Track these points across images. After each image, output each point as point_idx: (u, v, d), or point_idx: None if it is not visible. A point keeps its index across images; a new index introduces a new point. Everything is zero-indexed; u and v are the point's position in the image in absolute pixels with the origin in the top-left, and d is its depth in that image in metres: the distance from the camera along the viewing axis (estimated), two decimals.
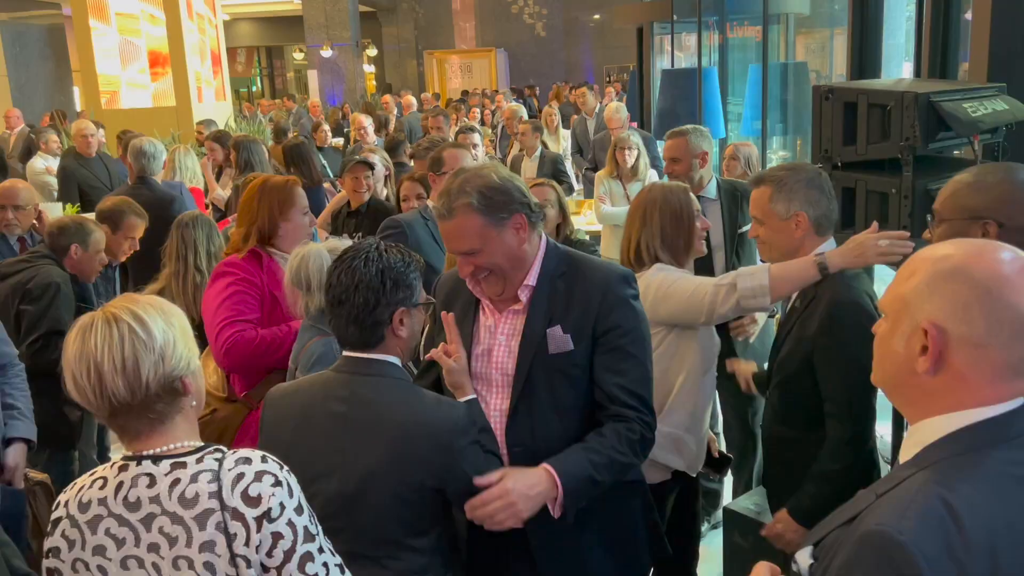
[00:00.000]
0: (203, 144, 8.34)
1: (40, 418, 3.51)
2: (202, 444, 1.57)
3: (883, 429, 4.21)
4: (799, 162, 2.74)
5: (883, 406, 2.45)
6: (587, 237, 4.61)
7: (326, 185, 6.78)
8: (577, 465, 1.97)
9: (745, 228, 3.86)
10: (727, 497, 3.96)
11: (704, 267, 3.40)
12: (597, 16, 24.10)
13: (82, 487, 1.57)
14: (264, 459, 1.54)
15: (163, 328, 1.51)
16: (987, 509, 1.11)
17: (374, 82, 24.28)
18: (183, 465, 1.51)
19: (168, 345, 1.50)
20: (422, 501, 1.89)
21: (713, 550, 3.07)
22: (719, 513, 3.61)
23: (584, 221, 6.62)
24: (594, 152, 7.56)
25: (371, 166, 4.83)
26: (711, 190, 3.94)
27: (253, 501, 1.48)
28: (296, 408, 1.99)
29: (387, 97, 14.97)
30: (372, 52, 23.98)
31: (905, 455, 1.24)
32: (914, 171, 2.48)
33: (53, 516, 1.57)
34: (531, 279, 2.08)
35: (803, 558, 1.27)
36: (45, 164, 7.90)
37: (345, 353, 1.98)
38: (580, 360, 2.05)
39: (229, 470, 1.50)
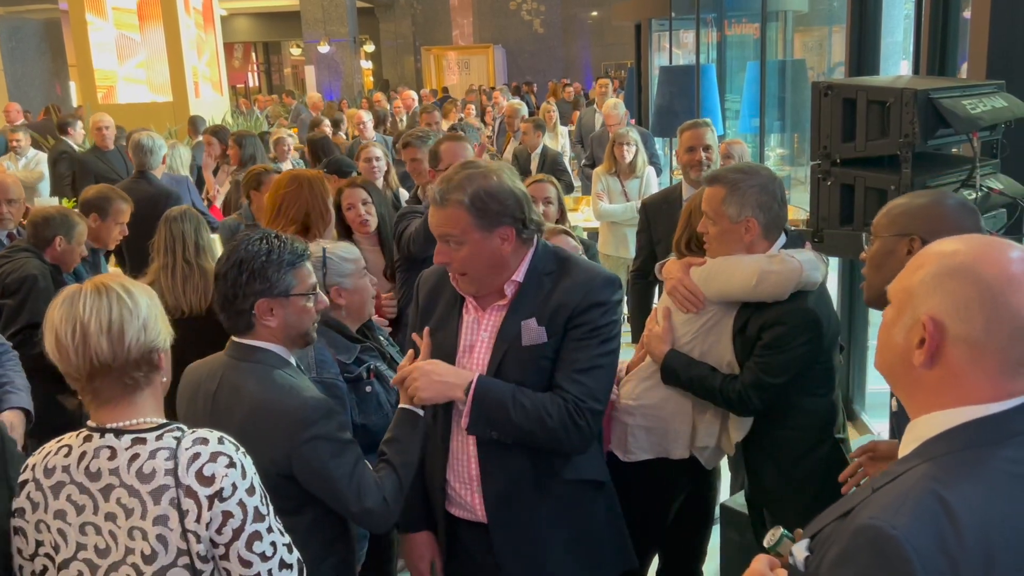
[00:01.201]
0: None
1: (35, 412, 3.50)
2: (164, 422, 1.64)
3: (881, 427, 4.22)
4: (756, 164, 2.77)
5: (881, 404, 2.46)
6: (585, 235, 4.59)
7: None
8: (499, 389, 2.02)
9: None
10: (724, 494, 3.96)
11: None
12: (595, 13, 24.09)
13: (48, 452, 1.65)
14: (221, 440, 1.61)
15: (147, 302, 1.62)
16: (983, 506, 1.11)
17: (371, 78, 24.26)
18: (143, 441, 1.59)
19: (151, 317, 1.60)
20: (276, 485, 1.89)
21: (710, 547, 3.09)
22: (716, 510, 3.61)
23: (582, 218, 6.61)
24: (592, 148, 7.55)
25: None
26: None
27: (206, 480, 1.56)
28: (191, 384, 2.13)
29: (379, 95, 14.93)
30: (369, 48, 23.94)
31: (904, 450, 1.25)
32: (913, 168, 2.48)
33: (21, 478, 1.66)
34: (519, 275, 2.10)
35: (799, 551, 1.27)
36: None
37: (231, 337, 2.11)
38: (549, 352, 2.07)
39: (186, 449, 1.57)
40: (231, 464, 1.58)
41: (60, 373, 3.79)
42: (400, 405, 2.13)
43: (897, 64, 4.93)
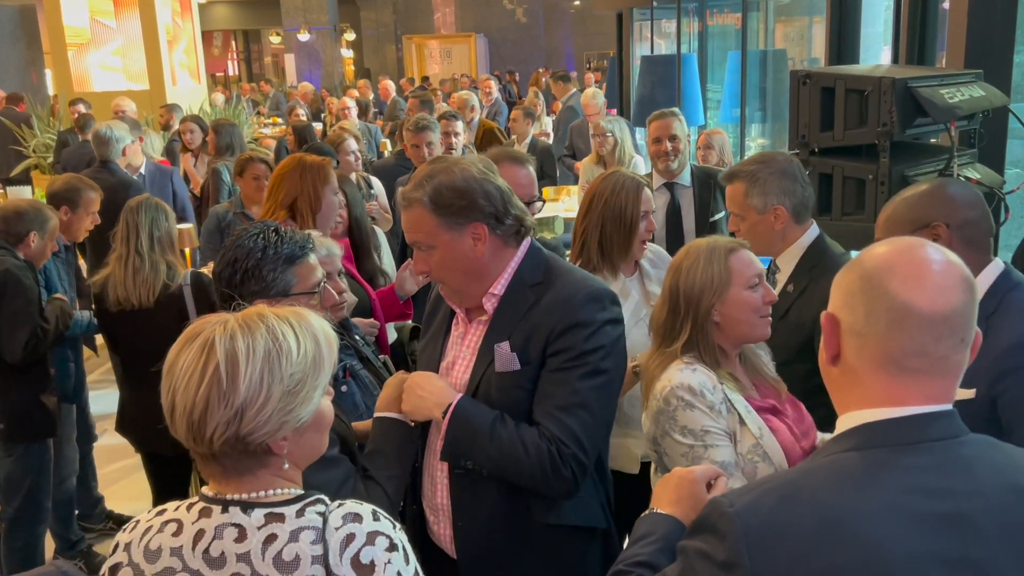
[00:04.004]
0: (166, 128, 8.26)
1: (18, 409, 3.44)
2: (302, 492, 1.32)
3: None
4: (769, 152, 2.73)
5: None
6: (548, 236, 4.53)
7: None
8: (478, 416, 1.82)
9: (717, 216, 3.86)
10: None
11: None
12: (577, 2, 24.02)
13: (148, 528, 1.31)
14: (376, 516, 1.30)
15: (259, 377, 1.23)
16: (844, 495, 1.09)
17: (352, 67, 24.09)
18: (280, 518, 1.27)
19: (255, 401, 1.23)
20: None
21: None
22: None
23: (563, 207, 6.59)
24: (571, 139, 7.51)
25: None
26: (685, 176, 3.95)
27: (366, 569, 1.25)
28: None
29: (363, 82, 14.83)
30: (350, 36, 23.77)
31: None
32: (891, 157, 2.47)
33: (111, 561, 1.32)
34: (498, 288, 1.90)
35: None
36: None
37: None
38: (526, 382, 1.84)
39: (336, 529, 1.26)
40: (392, 547, 1.27)
41: (42, 372, 3.69)
42: (377, 414, 1.95)
43: (878, 55, 4.93)
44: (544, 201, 2.60)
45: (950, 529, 1.08)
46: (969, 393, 1.77)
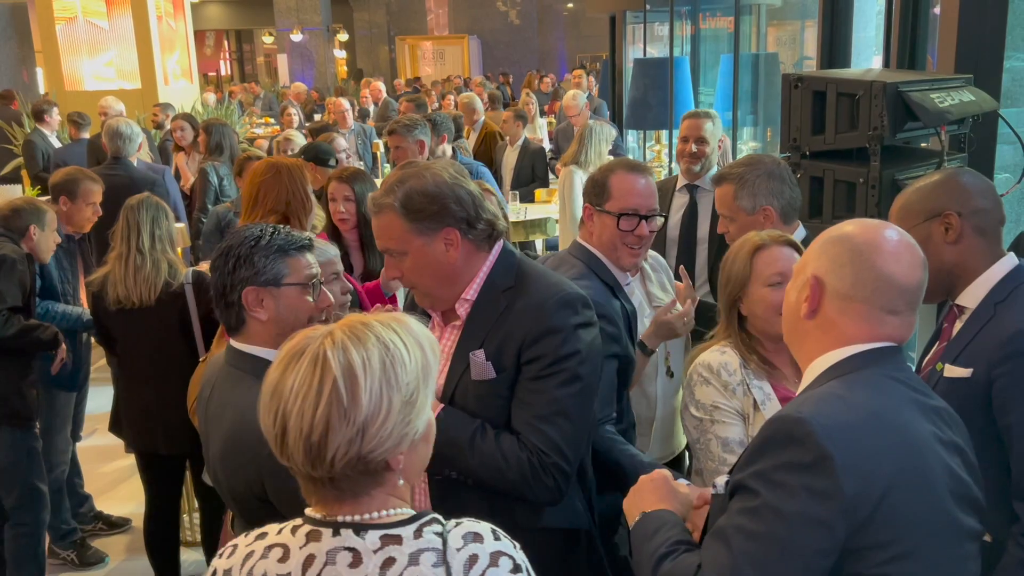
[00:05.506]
0: (159, 127, 8.23)
1: None
2: (414, 512, 1.24)
3: None
4: (756, 155, 2.77)
5: None
6: (541, 238, 4.47)
7: None
8: (459, 427, 1.81)
9: None
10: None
11: (687, 262, 3.35)
12: (571, 5, 24.07)
13: (250, 554, 1.23)
14: (496, 535, 1.24)
15: (379, 389, 1.15)
16: (871, 396, 1.35)
17: (345, 67, 24.07)
18: (397, 540, 1.19)
19: (377, 416, 1.15)
20: (260, 502, 1.74)
21: None
22: None
23: (555, 209, 6.61)
24: (557, 142, 7.51)
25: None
26: (708, 180, 3.85)
27: None
28: (204, 383, 2.02)
29: (368, 80, 14.83)
30: (343, 37, 23.74)
31: (801, 388, 1.47)
32: (881, 161, 2.49)
33: None
34: (470, 292, 1.89)
35: (721, 480, 1.44)
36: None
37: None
38: (502, 390, 1.83)
39: (458, 550, 1.19)
40: (516, 568, 1.21)
41: (25, 360, 3.65)
42: None
43: (869, 60, 4.95)
44: (666, 216, 2.59)
45: (938, 420, 1.40)
46: (965, 372, 1.90)
